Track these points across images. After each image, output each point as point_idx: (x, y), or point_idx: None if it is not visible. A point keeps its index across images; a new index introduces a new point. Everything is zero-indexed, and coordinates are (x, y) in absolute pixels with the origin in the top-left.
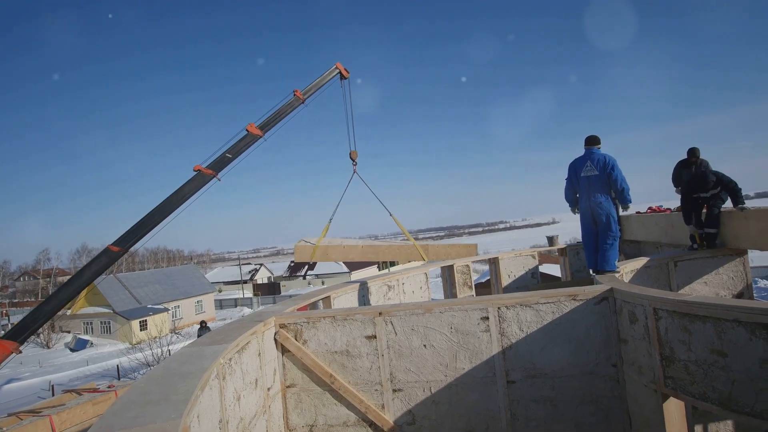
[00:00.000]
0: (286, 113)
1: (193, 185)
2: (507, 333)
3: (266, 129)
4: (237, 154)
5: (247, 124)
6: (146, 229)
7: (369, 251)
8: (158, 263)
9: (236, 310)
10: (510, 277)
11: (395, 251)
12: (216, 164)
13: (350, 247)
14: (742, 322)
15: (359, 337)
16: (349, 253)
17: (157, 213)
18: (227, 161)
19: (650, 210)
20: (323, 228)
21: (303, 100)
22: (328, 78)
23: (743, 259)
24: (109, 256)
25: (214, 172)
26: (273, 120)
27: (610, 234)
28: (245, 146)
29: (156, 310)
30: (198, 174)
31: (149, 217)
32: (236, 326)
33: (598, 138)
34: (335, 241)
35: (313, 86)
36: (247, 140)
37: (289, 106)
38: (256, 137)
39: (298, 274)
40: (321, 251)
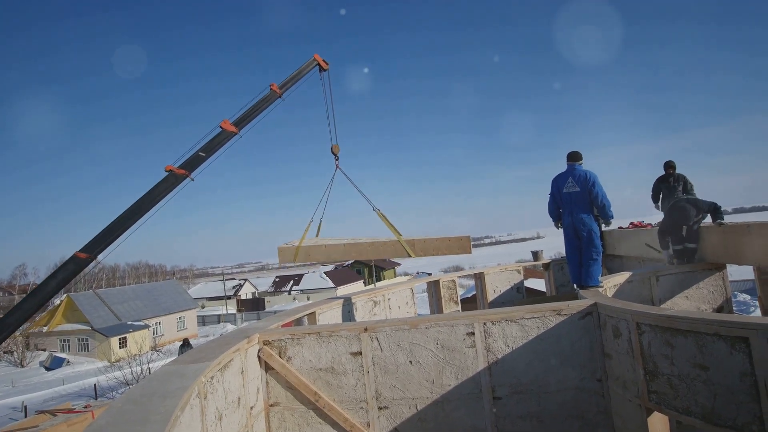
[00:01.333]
0: (262, 108)
1: (165, 186)
2: (493, 348)
3: (241, 125)
4: (211, 152)
5: (221, 121)
6: (115, 234)
7: (351, 249)
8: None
9: (219, 326)
10: (495, 292)
11: (378, 248)
12: (189, 164)
13: (332, 247)
14: (722, 336)
15: (344, 353)
16: (332, 253)
17: (127, 217)
18: (200, 160)
19: (632, 225)
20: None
21: (280, 95)
22: (306, 71)
23: (722, 273)
24: (77, 263)
25: (186, 172)
26: (248, 116)
27: (593, 249)
28: (219, 144)
29: (136, 327)
30: (170, 174)
31: (118, 222)
32: (219, 343)
33: (580, 154)
34: (316, 240)
35: (289, 80)
36: (221, 138)
37: (265, 101)
38: (231, 134)
39: (283, 290)
40: (303, 252)
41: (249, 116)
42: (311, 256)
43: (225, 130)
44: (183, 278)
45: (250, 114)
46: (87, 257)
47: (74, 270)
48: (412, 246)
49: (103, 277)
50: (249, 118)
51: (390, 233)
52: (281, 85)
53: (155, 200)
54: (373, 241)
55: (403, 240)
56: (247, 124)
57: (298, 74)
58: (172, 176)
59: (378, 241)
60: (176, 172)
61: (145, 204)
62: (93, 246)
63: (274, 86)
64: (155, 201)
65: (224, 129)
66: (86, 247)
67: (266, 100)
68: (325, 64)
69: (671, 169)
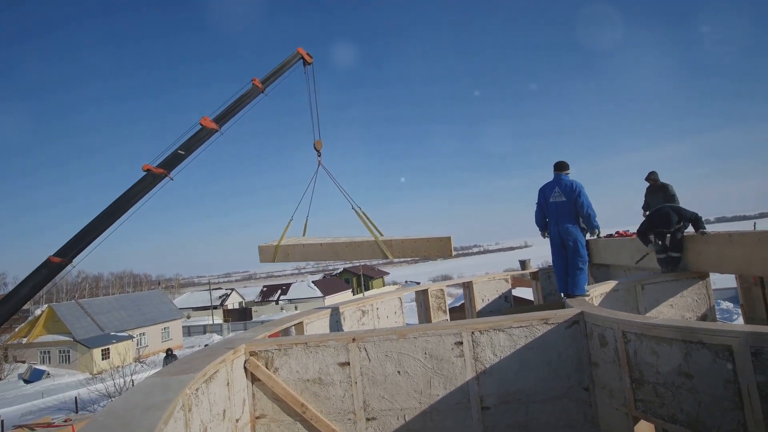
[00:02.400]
0: (244, 104)
1: (143, 186)
2: (481, 358)
3: (222, 122)
4: (191, 150)
5: (201, 118)
6: (91, 237)
7: (328, 249)
8: (124, 288)
9: (205, 337)
10: (484, 301)
11: (356, 249)
12: (167, 162)
13: (310, 246)
14: (706, 344)
15: (332, 364)
16: (309, 253)
17: (103, 219)
18: (180, 159)
19: (617, 234)
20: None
21: (262, 90)
22: (290, 65)
23: (706, 281)
24: (50, 268)
25: (165, 171)
26: (229, 112)
27: (579, 259)
28: (199, 141)
29: (120, 338)
30: (147, 174)
31: (94, 224)
32: (204, 354)
33: (566, 164)
34: (297, 240)
35: (272, 74)
36: (201, 135)
37: (247, 97)
38: (212, 131)
39: (270, 299)
40: (282, 252)
41: (230, 112)
42: (289, 256)
43: (205, 127)
44: (168, 288)
45: (232, 110)
46: (61, 261)
47: (47, 275)
48: (389, 247)
49: (86, 286)
50: (230, 114)
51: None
52: (263, 79)
53: (132, 201)
54: (350, 242)
55: (381, 240)
56: (228, 120)
57: (281, 68)
58: (150, 176)
59: (355, 242)
60: (154, 172)
61: (121, 205)
62: (67, 249)
63: (256, 81)
64: (132, 202)
65: (204, 126)
66: (60, 251)
67: (248, 95)
68: (309, 57)
69: (652, 179)
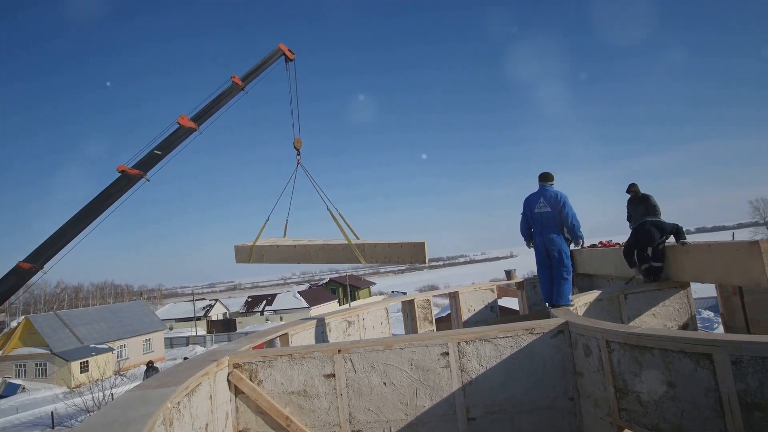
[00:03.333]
0: (224, 102)
1: (117, 188)
2: (467, 368)
3: (201, 121)
4: (168, 150)
5: (179, 117)
6: (63, 241)
7: (301, 252)
8: (104, 299)
9: (188, 348)
10: (470, 311)
11: (329, 252)
12: (143, 163)
13: (284, 248)
14: (687, 352)
15: (317, 375)
16: (283, 254)
17: (76, 222)
18: (156, 159)
19: (601, 244)
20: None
21: (243, 87)
22: (271, 61)
23: (687, 291)
24: (20, 274)
25: (141, 172)
26: (208, 110)
27: (563, 269)
28: (177, 141)
29: (99, 350)
30: (122, 175)
31: (66, 228)
32: (186, 367)
33: (551, 175)
34: (270, 241)
35: (253, 71)
36: (179, 134)
37: (227, 95)
38: (190, 130)
39: (255, 310)
40: (257, 252)
41: (209, 111)
42: (264, 257)
43: (183, 126)
44: (151, 299)
45: (210, 108)
46: (32, 267)
47: (17, 282)
48: (362, 251)
49: (66, 297)
50: (209, 112)
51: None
52: (244, 76)
53: (106, 204)
54: (323, 245)
55: (354, 245)
56: (207, 119)
57: (262, 65)
58: (125, 177)
59: (329, 245)
60: (129, 173)
61: (94, 208)
62: (38, 255)
63: (236, 78)
64: (106, 205)
65: (182, 125)
66: (30, 256)
67: (228, 93)
68: (291, 54)
69: (632, 191)
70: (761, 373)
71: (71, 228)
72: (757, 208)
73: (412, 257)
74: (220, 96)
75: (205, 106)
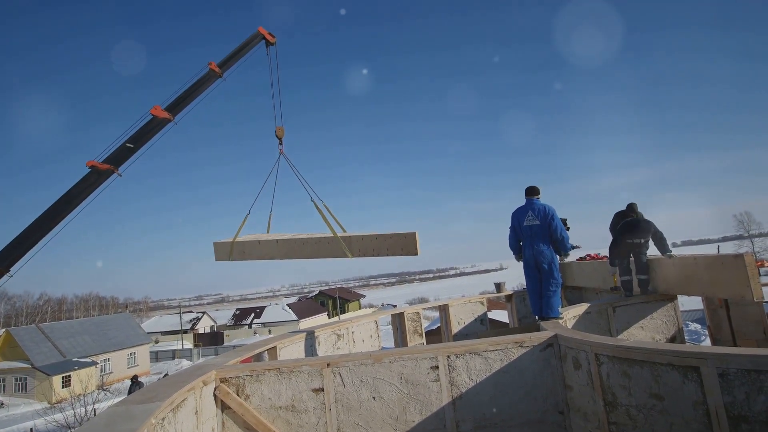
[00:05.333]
0: (201, 90)
1: (87, 185)
2: (457, 382)
3: (176, 111)
4: (141, 142)
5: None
6: (29, 242)
7: (285, 247)
8: (89, 311)
9: (174, 362)
10: (460, 324)
11: (314, 246)
12: (114, 157)
13: (266, 243)
14: (675, 365)
15: (306, 390)
16: (266, 250)
17: (42, 222)
18: (128, 153)
19: (589, 257)
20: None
21: (220, 74)
22: (251, 46)
23: (674, 303)
24: None
25: (112, 167)
26: (183, 99)
27: (552, 281)
28: (151, 133)
29: (82, 364)
30: (92, 171)
31: (32, 229)
32: (172, 381)
33: (537, 189)
34: (251, 237)
35: (231, 56)
36: (152, 126)
37: (203, 82)
38: (164, 121)
39: (243, 323)
40: (238, 249)
41: (184, 100)
42: (246, 254)
43: (157, 117)
44: (136, 311)
45: (186, 97)
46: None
47: None
48: (348, 244)
49: (48, 309)
50: (184, 102)
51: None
52: (221, 62)
53: (75, 201)
54: (307, 238)
55: (340, 237)
56: (182, 109)
57: (241, 50)
58: (95, 173)
59: (313, 238)
60: (100, 168)
61: (61, 207)
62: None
63: (212, 65)
64: (75, 202)
65: (156, 116)
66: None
67: (204, 80)
68: (271, 37)
69: (633, 213)
70: (747, 385)
71: (38, 228)
72: (741, 221)
73: (403, 249)
74: (196, 84)
75: (180, 95)
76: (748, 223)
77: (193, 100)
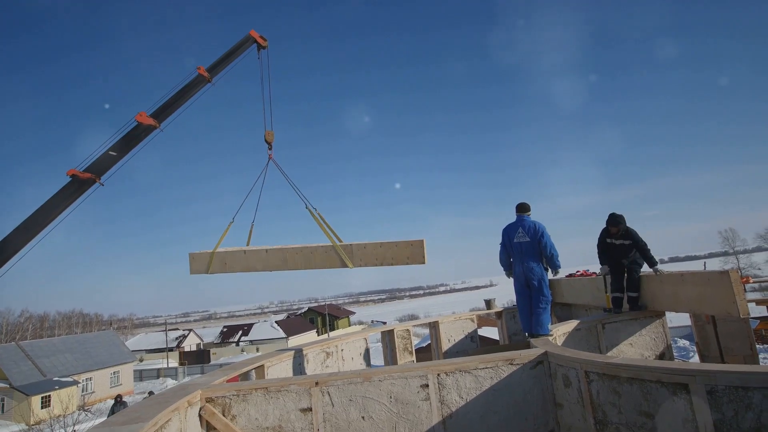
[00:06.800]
0: (188, 96)
1: (67, 194)
2: (447, 401)
3: (162, 117)
4: (125, 150)
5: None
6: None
7: (276, 256)
8: (72, 329)
9: (158, 381)
10: (450, 341)
11: (309, 256)
12: (97, 166)
13: (253, 252)
14: (664, 383)
15: (294, 410)
16: (252, 261)
17: (19, 234)
18: (111, 161)
19: (578, 274)
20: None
21: (209, 79)
22: (242, 50)
23: (662, 320)
24: None
25: (93, 176)
26: (170, 105)
27: (542, 298)
28: (135, 140)
29: (63, 384)
30: (73, 180)
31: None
32: (156, 401)
33: (528, 205)
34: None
35: (220, 61)
36: (136, 133)
37: (192, 87)
38: (150, 128)
39: (230, 341)
40: (219, 260)
41: (171, 106)
42: (228, 265)
43: (142, 123)
44: (121, 328)
45: (173, 103)
46: None
47: None
48: (349, 253)
49: (30, 327)
50: (171, 108)
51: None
52: (210, 67)
53: (55, 212)
54: (302, 248)
55: (340, 246)
56: (168, 115)
57: (231, 54)
58: (76, 182)
59: (309, 247)
60: (81, 177)
61: (40, 217)
62: None
63: (201, 69)
64: (55, 213)
65: (141, 123)
66: None
67: (193, 85)
68: (263, 40)
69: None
70: (735, 402)
71: (17, 238)
72: (727, 238)
73: (409, 258)
74: (184, 89)
75: (167, 100)
76: (733, 240)
77: (180, 106)
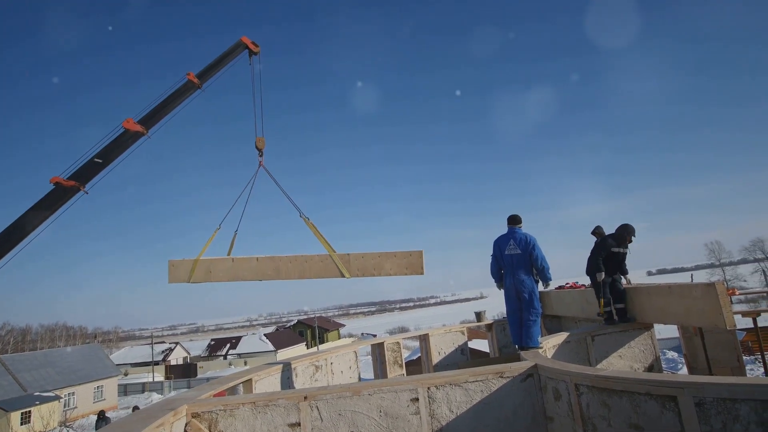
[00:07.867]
0: (177, 102)
1: (51, 202)
2: (437, 415)
3: (150, 124)
4: (110, 158)
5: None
6: None
7: (267, 265)
8: (55, 342)
9: (144, 396)
10: (440, 354)
11: (302, 264)
12: (80, 173)
13: (241, 261)
14: (653, 395)
15: (282, 425)
16: (240, 270)
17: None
18: (96, 168)
19: (568, 286)
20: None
21: (199, 86)
22: (233, 55)
23: (651, 332)
24: None
25: (77, 184)
26: (158, 112)
27: (532, 311)
28: (122, 147)
29: (44, 399)
30: (56, 187)
31: None
32: (141, 417)
33: (519, 218)
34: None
35: (211, 67)
36: (123, 140)
37: (180, 94)
38: (137, 135)
39: (218, 354)
40: (203, 268)
41: (159, 113)
42: (213, 274)
43: (129, 130)
44: (106, 342)
45: (161, 110)
46: None
47: None
48: (346, 263)
49: (11, 340)
50: (159, 115)
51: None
52: (200, 73)
53: (37, 220)
54: (296, 257)
55: (336, 256)
56: (157, 122)
57: (221, 60)
58: (60, 190)
59: (303, 256)
60: (65, 185)
61: (21, 227)
62: None
63: (191, 75)
64: (38, 221)
65: (128, 129)
66: None
67: (181, 92)
68: (255, 46)
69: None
70: (723, 414)
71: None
72: (713, 250)
73: (408, 268)
74: (172, 95)
75: (155, 107)
76: (719, 252)
77: (168, 113)
